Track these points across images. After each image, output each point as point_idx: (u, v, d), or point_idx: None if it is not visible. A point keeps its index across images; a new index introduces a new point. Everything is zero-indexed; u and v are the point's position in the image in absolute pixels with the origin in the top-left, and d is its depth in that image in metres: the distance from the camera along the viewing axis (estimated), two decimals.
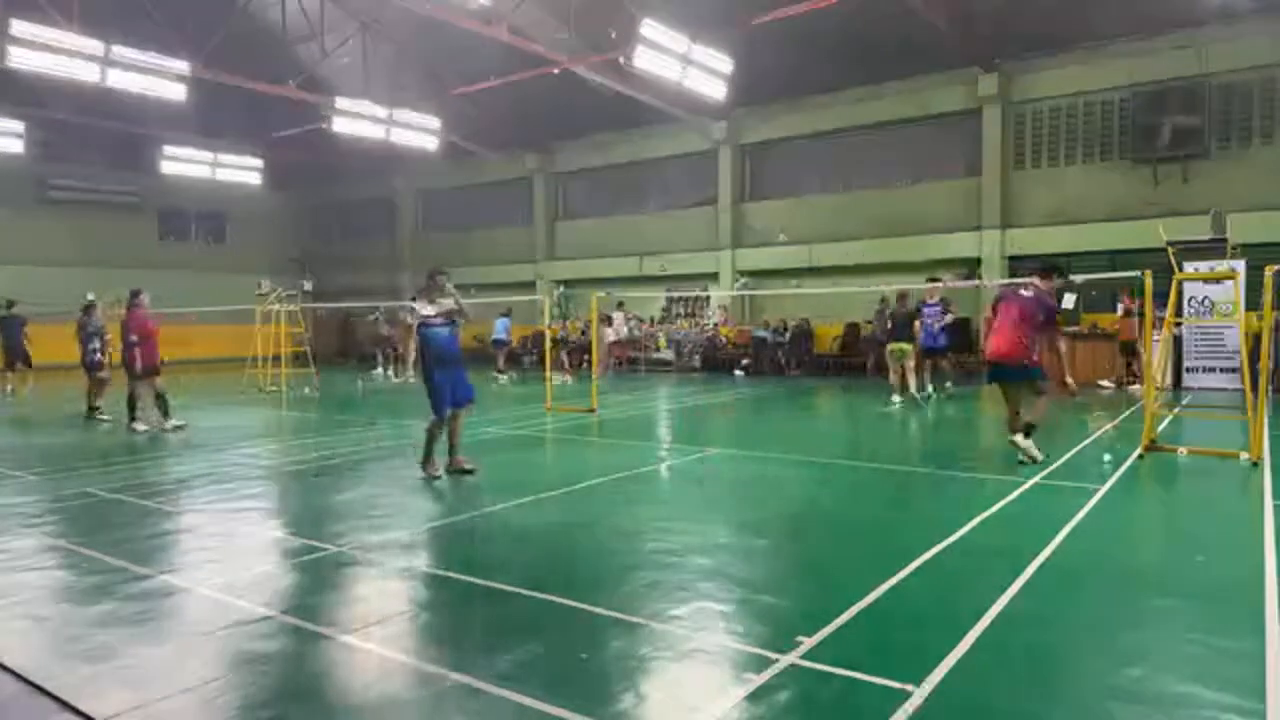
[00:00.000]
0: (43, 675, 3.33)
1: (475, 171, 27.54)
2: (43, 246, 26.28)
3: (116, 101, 20.58)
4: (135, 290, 11.13)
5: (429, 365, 7.25)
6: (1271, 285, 7.95)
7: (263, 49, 20.35)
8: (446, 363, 7.31)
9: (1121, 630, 3.73)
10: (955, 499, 6.44)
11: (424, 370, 7.32)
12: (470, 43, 18.44)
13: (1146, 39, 16.58)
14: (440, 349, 7.27)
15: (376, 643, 3.65)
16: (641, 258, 23.87)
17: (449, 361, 7.33)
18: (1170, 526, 5.99)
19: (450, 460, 7.49)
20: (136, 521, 5.90)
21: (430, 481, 7.14)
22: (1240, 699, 3.04)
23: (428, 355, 7.26)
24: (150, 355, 10.71)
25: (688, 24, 16.00)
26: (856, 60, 18.84)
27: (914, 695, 3.06)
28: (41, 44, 14.58)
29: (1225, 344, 15.05)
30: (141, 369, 10.60)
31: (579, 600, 4.12)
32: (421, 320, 7.25)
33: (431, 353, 7.24)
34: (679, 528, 5.58)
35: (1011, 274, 18.31)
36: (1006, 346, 7.56)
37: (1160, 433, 9.19)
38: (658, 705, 3.06)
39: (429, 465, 7.31)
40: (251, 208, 31.15)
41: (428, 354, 7.26)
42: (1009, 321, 7.59)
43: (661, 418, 12.34)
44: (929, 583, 4.38)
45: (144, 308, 10.94)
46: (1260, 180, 15.74)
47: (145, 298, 11.06)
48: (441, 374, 7.24)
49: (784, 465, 7.91)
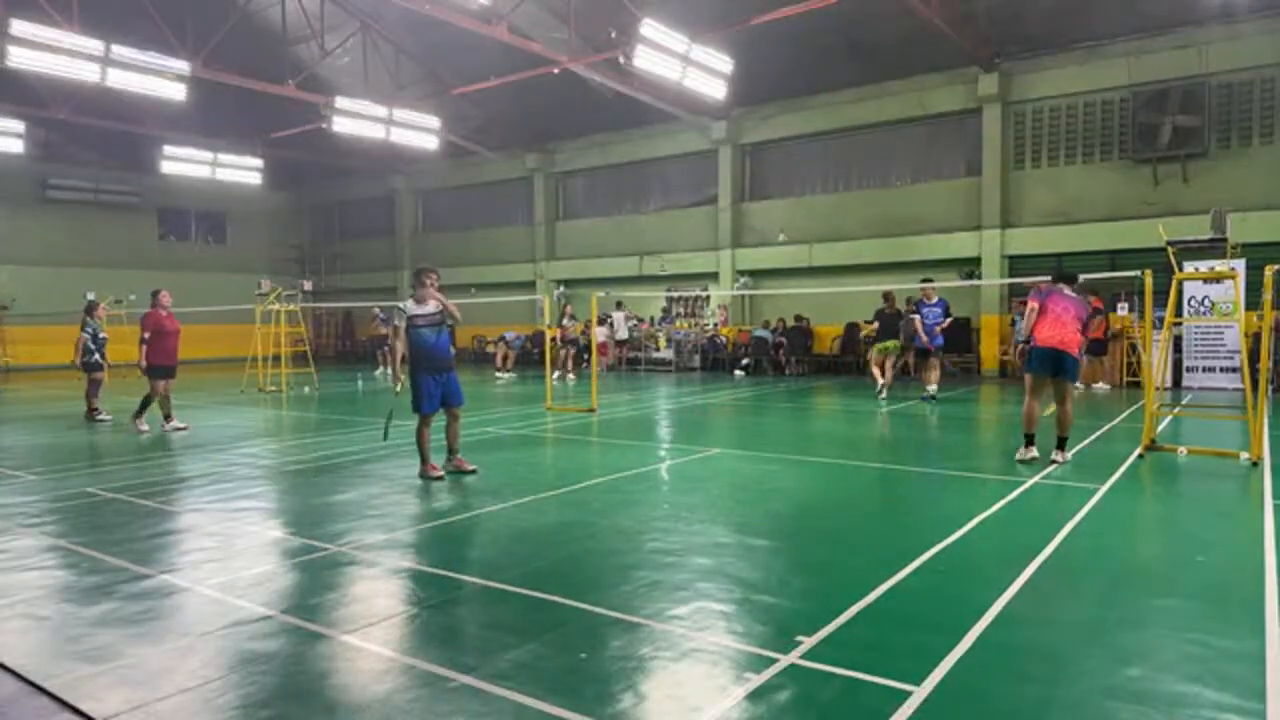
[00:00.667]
0: (42, 675, 3.33)
1: (475, 171, 27.55)
2: (43, 246, 26.31)
3: (116, 101, 20.64)
4: (156, 290, 11.24)
5: (413, 365, 7.22)
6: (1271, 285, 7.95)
7: (263, 49, 20.37)
8: (435, 364, 7.27)
9: (1121, 630, 3.73)
10: (955, 498, 6.44)
11: (409, 369, 7.26)
12: (470, 42, 18.45)
13: (1146, 39, 16.59)
14: (428, 350, 7.21)
15: (376, 643, 3.65)
16: (641, 257, 23.88)
17: (437, 363, 7.29)
18: (1170, 526, 5.99)
19: (451, 461, 7.52)
20: (136, 521, 5.90)
21: (430, 482, 7.14)
22: (1240, 699, 3.04)
23: (414, 356, 7.22)
24: (156, 354, 10.70)
25: (688, 24, 16.00)
26: (856, 60, 18.86)
27: (914, 695, 3.06)
28: (41, 44, 14.60)
29: (1225, 344, 15.06)
30: (146, 367, 10.61)
31: (579, 600, 4.13)
32: (409, 321, 7.20)
33: (419, 354, 7.20)
34: (679, 528, 5.58)
35: (1011, 274, 18.34)
36: (1069, 338, 7.64)
37: (1160, 433, 9.19)
38: (658, 705, 3.05)
39: (428, 467, 7.30)
40: (251, 208, 31.18)
41: (414, 354, 7.22)
42: (1069, 316, 7.67)
43: (661, 418, 12.34)
44: (929, 582, 4.38)
45: (162, 307, 10.98)
46: (1260, 180, 15.75)
47: (165, 297, 11.14)
48: (426, 374, 7.20)
49: (783, 465, 7.91)
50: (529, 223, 26.71)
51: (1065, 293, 7.82)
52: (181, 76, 16.89)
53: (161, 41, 16.86)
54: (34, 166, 25.37)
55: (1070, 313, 7.71)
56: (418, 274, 7.43)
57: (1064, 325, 7.66)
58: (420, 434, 7.31)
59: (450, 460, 7.54)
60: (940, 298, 13.19)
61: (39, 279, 25.96)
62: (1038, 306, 7.81)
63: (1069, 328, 7.66)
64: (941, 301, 13.14)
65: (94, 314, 12.31)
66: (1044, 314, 7.77)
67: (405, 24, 20.57)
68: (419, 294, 7.31)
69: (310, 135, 23.03)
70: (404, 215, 30.29)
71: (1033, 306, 7.84)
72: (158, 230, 29.56)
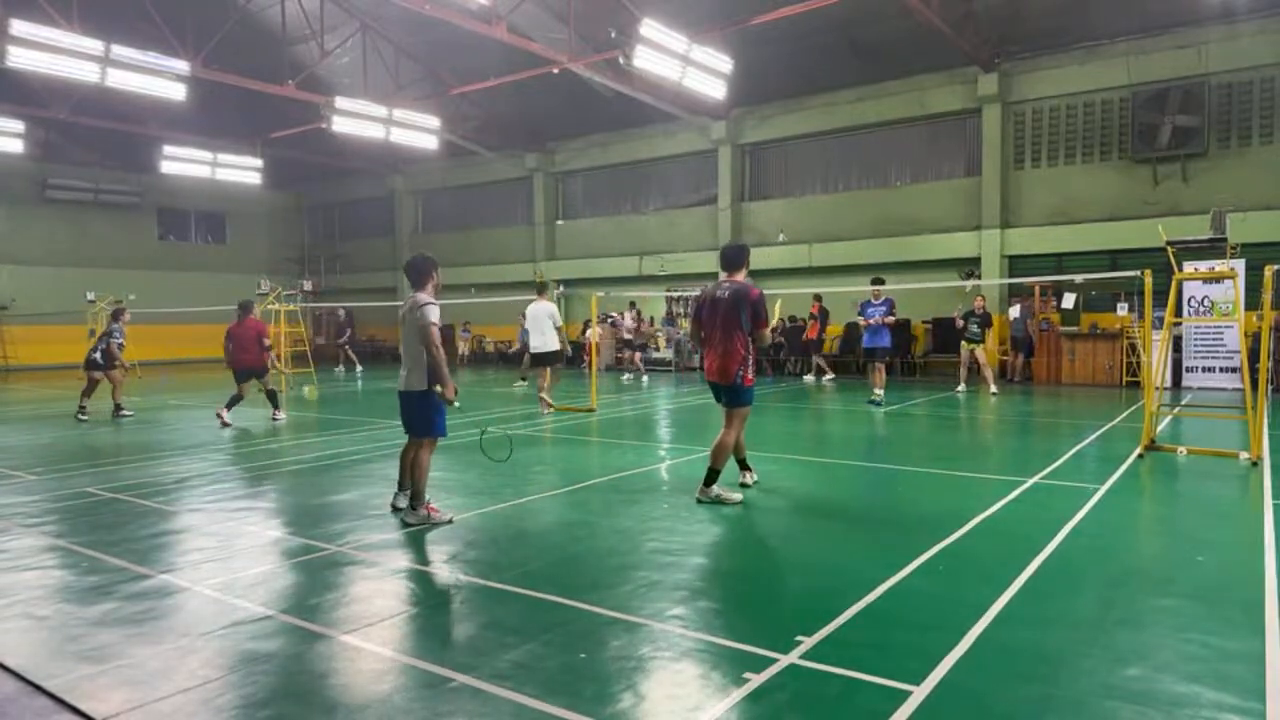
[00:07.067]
0: (42, 675, 3.33)
1: (475, 171, 27.56)
2: (43, 246, 26.31)
3: (116, 101, 20.64)
4: (248, 302, 12.28)
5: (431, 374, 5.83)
6: (1271, 285, 7.95)
7: (262, 49, 20.35)
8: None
9: (1121, 630, 3.73)
10: (955, 498, 6.43)
11: (427, 379, 5.78)
12: (470, 42, 18.45)
13: (1146, 39, 16.59)
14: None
15: (376, 643, 3.65)
16: (641, 257, 23.88)
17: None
18: (1170, 526, 5.99)
19: (419, 508, 5.83)
20: (136, 521, 5.90)
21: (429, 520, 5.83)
22: (1240, 699, 3.04)
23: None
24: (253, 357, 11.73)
25: (687, 24, 16.00)
26: (856, 60, 18.86)
27: (914, 695, 3.06)
28: (41, 44, 14.60)
29: (1225, 344, 15.06)
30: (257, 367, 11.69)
31: (578, 600, 4.13)
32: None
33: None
34: (679, 528, 5.58)
35: (1011, 274, 18.35)
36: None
37: (1160, 432, 9.19)
38: (658, 705, 3.05)
39: (428, 507, 5.83)
40: (251, 208, 31.18)
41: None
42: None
43: (661, 418, 12.34)
44: (929, 582, 4.38)
45: (254, 315, 11.99)
46: (1260, 180, 15.75)
47: (257, 309, 12.19)
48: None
49: (783, 465, 7.90)
50: (529, 223, 26.71)
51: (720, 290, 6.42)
52: (181, 76, 16.90)
53: (161, 41, 16.86)
54: (34, 166, 25.38)
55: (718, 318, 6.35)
56: (434, 266, 6.05)
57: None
58: (427, 463, 5.87)
59: (419, 507, 5.82)
60: (887, 297, 13.00)
61: (39, 279, 25.97)
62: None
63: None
64: (887, 300, 12.97)
65: (120, 319, 12.82)
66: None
67: (405, 24, 20.56)
68: (432, 290, 5.96)
69: (310, 135, 23.03)
70: (404, 215, 30.29)
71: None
72: (157, 230, 29.57)
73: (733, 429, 6.38)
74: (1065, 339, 16.81)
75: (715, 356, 6.35)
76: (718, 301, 6.34)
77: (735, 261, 6.50)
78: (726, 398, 6.41)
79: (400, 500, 6.11)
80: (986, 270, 18.44)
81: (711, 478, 6.31)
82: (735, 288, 6.32)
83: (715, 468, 6.31)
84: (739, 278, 6.43)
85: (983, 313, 14.74)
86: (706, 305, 6.46)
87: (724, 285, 6.39)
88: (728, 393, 6.37)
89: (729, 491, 6.37)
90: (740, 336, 6.24)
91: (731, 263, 6.51)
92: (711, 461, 6.33)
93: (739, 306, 6.21)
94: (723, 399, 6.46)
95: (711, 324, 6.37)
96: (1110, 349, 16.26)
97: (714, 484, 6.31)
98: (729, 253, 6.56)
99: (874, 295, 13.01)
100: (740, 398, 6.35)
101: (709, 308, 6.42)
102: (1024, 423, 11.43)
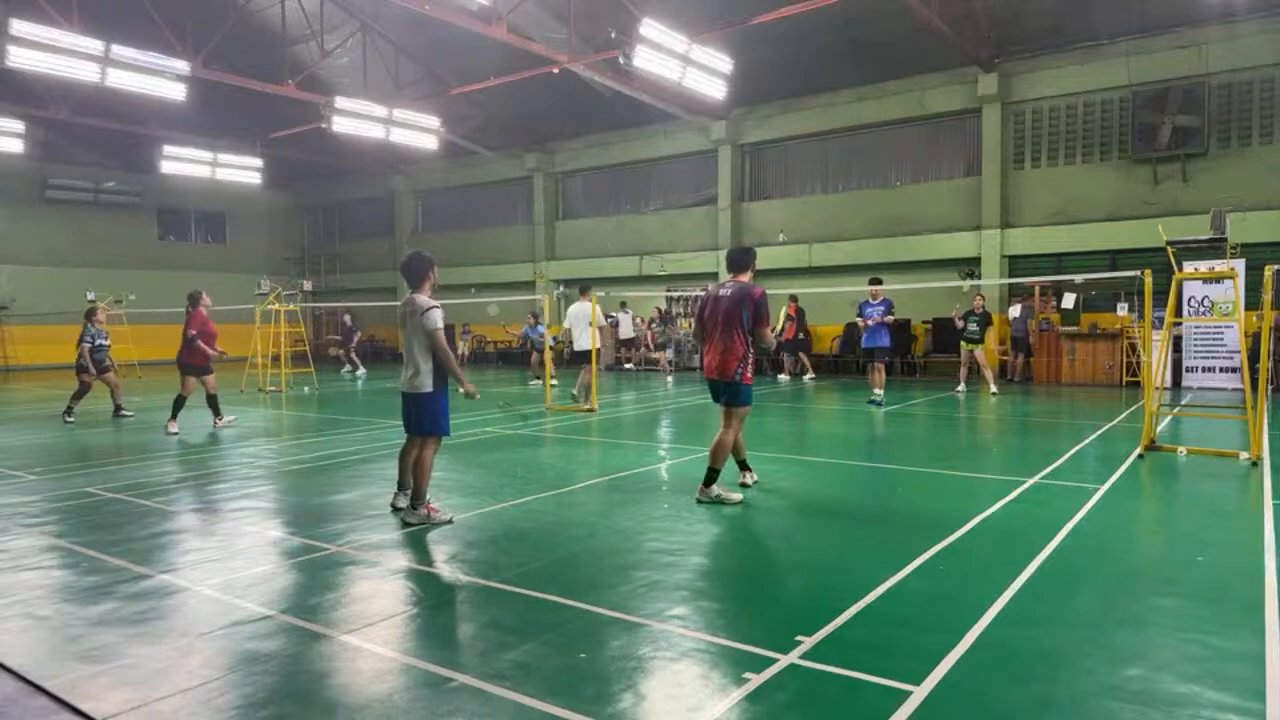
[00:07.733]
0: (42, 675, 3.33)
1: (475, 171, 27.55)
2: (43, 246, 26.32)
3: (116, 101, 20.63)
4: (198, 291, 11.69)
5: (438, 374, 5.79)
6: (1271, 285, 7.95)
7: (262, 48, 20.36)
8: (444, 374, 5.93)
9: (1121, 630, 3.73)
10: (955, 498, 6.43)
11: (434, 379, 5.75)
12: (470, 42, 18.45)
13: (1146, 39, 16.59)
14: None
15: (376, 643, 3.65)
16: (641, 257, 23.88)
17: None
18: (1170, 526, 5.99)
19: (420, 506, 5.81)
20: (136, 521, 5.90)
21: (430, 520, 5.79)
22: (1240, 699, 3.04)
23: (438, 363, 5.80)
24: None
25: (687, 24, 16.00)
26: (856, 60, 18.86)
27: (914, 695, 3.06)
28: (41, 44, 14.59)
29: (1225, 344, 15.06)
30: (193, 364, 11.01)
31: (578, 600, 4.13)
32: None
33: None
34: (679, 528, 5.58)
35: (1011, 274, 18.35)
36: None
37: (1160, 432, 9.19)
38: (657, 705, 3.05)
39: (428, 507, 5.80)
40: (251, 207, 31.19)
41: (437, 362, 5.81)
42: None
43: (661, 418, 12.34)
44: (929, 582, 4.38)
45: (202, 306, 11.42)
46: (1260, 180, 15.75)
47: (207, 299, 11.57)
48: (444, 383, 5.88)
49: (782, 465, 7.91)
50: (529, 222, 26.71)
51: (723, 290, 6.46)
52: (181, 76, 16.90)
53: (161, 41, 16.85)
54: (34, 166, 25.38)
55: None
56: (431, 265, 5.98)
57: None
58: (430, 463, 5.82)
59: (419, 507, 5.78)
60: (885, 297, 13.00)
61: (39, 279, 25.98)
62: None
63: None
64: (886, 300, 12.97)
65: (93, 320, 12.23)
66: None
67: (405, 24, 20.57)
68: (429, 290, 5.93)
69: (310, 135, 23.02)
70: (403, 215, 30.29)
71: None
72: (157, 230, 29.58)
73: (731, 428, 6.40)
74: (1065, 339, 16.81)
75: (715, 353, 6.38)
76: (720, 299, 6.39)
77: (741, 263, 6.57)
78: (725, 396, 6.43)
79: (400, 500, 6.13)
80: (986, 270, 18.45)
81: (711, 478, 6.33)
82: (738, 286, 6.38)
83: (715, 467, 6.33)
84: (744, 279, 6.48)
85: (982, 313, 14.74)
86: (709, 303, 6.50)
87: (727, 284, 6.46)
88: (726, 390, 6.39)
89: (729, 491, 6.38)
90: (740, 334, 6.27)
91: (737, 264, 6.58)
92: (711, 461, 6.35)
93: (741, 304, 6.25)
94: (721, 397, 6.48)
95: (713, 321, 6.42)
96: (1110, 349, 16.27)
97: (714, 484, 6.33)
98: (735, 255, 6.64)
99: (872, 295, 13.02)
100: (739, 396, 6.38)
101: (711, 306, 6.46)
102: (1024, 423, 11.43)
